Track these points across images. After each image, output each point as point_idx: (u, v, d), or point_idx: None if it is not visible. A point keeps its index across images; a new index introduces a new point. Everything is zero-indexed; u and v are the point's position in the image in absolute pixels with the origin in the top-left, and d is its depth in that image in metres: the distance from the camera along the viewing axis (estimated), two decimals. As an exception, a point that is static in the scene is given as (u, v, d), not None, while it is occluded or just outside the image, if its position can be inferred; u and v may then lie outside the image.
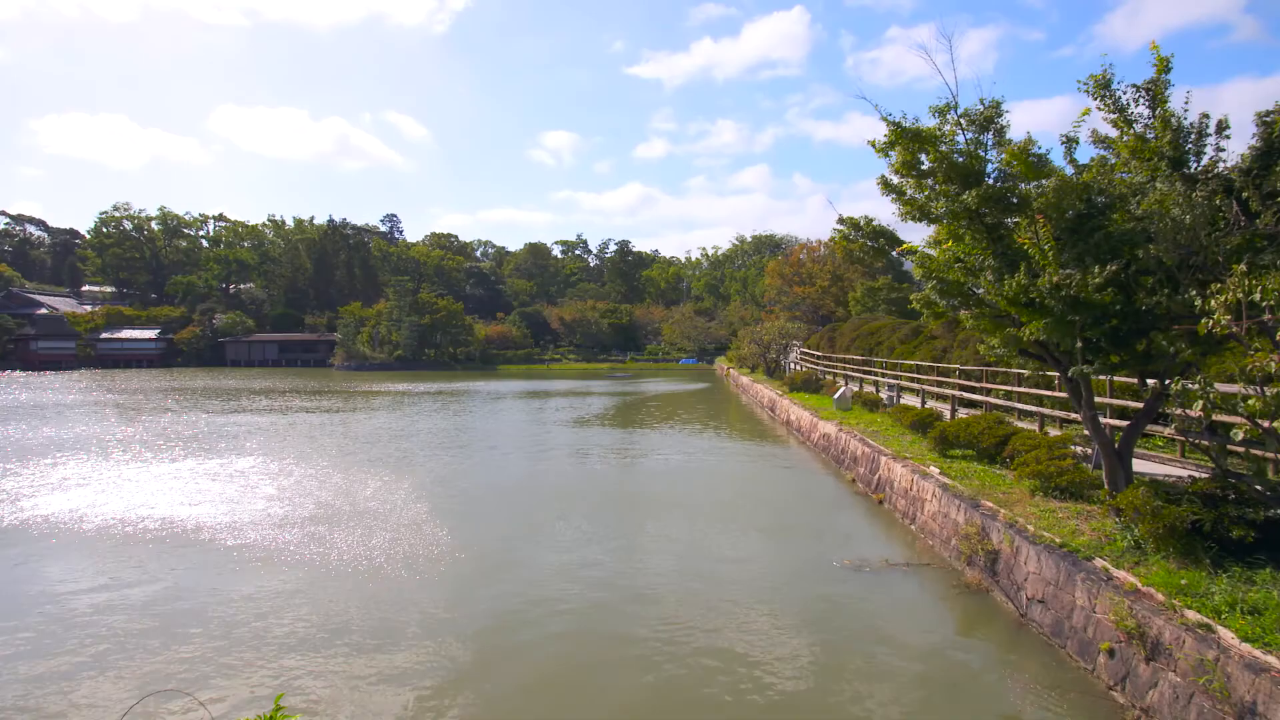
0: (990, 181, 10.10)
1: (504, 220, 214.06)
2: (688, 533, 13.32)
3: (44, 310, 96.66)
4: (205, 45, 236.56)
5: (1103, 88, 9.35)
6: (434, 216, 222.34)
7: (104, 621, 9.17)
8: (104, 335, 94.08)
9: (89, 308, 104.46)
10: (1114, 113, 9.44)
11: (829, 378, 34.11)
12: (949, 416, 18.20)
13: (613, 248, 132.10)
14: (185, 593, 10.16)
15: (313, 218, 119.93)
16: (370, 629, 8.79)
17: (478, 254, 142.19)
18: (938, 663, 8.02)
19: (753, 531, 13.65)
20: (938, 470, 13.57)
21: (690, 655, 8.08)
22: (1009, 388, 17.51)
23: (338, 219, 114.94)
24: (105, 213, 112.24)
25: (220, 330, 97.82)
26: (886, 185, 11.10)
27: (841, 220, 12.12)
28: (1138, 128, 9.34)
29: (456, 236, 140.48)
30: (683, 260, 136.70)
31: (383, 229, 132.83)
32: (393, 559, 11.53)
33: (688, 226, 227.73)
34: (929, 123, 10.29)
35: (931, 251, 11.25)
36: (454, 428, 29.63)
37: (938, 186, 10.43)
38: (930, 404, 20.90)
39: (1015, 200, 9.82)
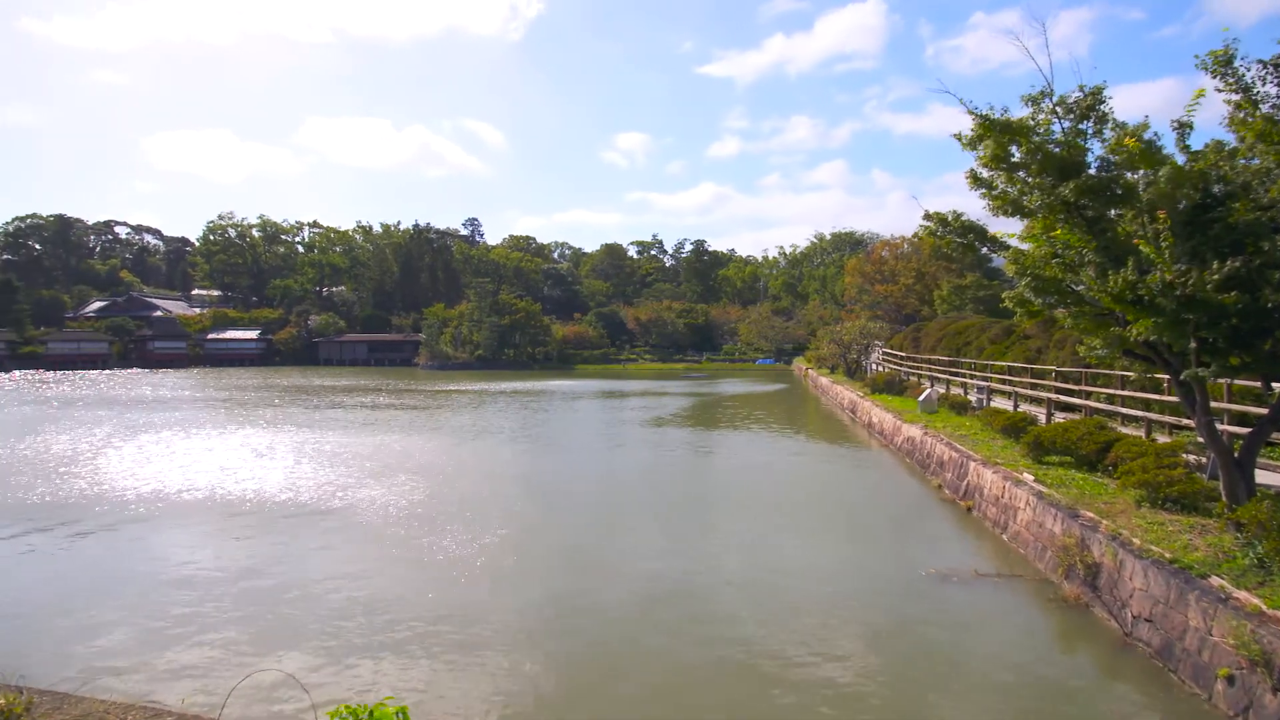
0: (1091, 172, 9.49)
1: (577, 222, 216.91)
2: (764, 534, 13.11)
3: (160, 313, 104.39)
4: (297, 62, 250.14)
5: (1224, 65, 8.56)
6: (510, 220, 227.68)
7: (214, 596, 9.77)
8: (211, 335, 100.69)
9: (198, 310, 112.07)
10: (1238, 93, 8.64)
11: (913, 379, 32.96)
12: (1044, 421, 17.25)
13: (688, 247, 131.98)
14: (291, 573, 10.72)
15: (399, 222, 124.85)
16: (466, 620, 9.03)
17: (555, 255, 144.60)
18: (1033, 680, 7.60)
19: (832, 535, 13.32)
20: (1032, 477, 12.89)
21: (764, 660, 7.93)
22: (1111, 391, 16.44)
23: (421, 224, 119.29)
24: (212, 222, 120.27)
25: (314, 331, 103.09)
26: (975, 179, 10.60)
27: (928, 216, 11.67)
28: (1265, 109, 8.54)
29: (534, 239, 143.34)
30: (759, 259, 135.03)
31: (464, 232, 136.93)
32: (486, 552, 11.82)
33: (761, 225, 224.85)
34: (1020, 112, 9.76)
35: (1026, 247, 10.68)
36: (534, 426, 30.21)
37: (1031, 179, 9.88)
38: (1023, 407, 19.88)
39: (1119, 191, 9.19)
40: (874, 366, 43.13)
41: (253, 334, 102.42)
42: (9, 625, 9.08)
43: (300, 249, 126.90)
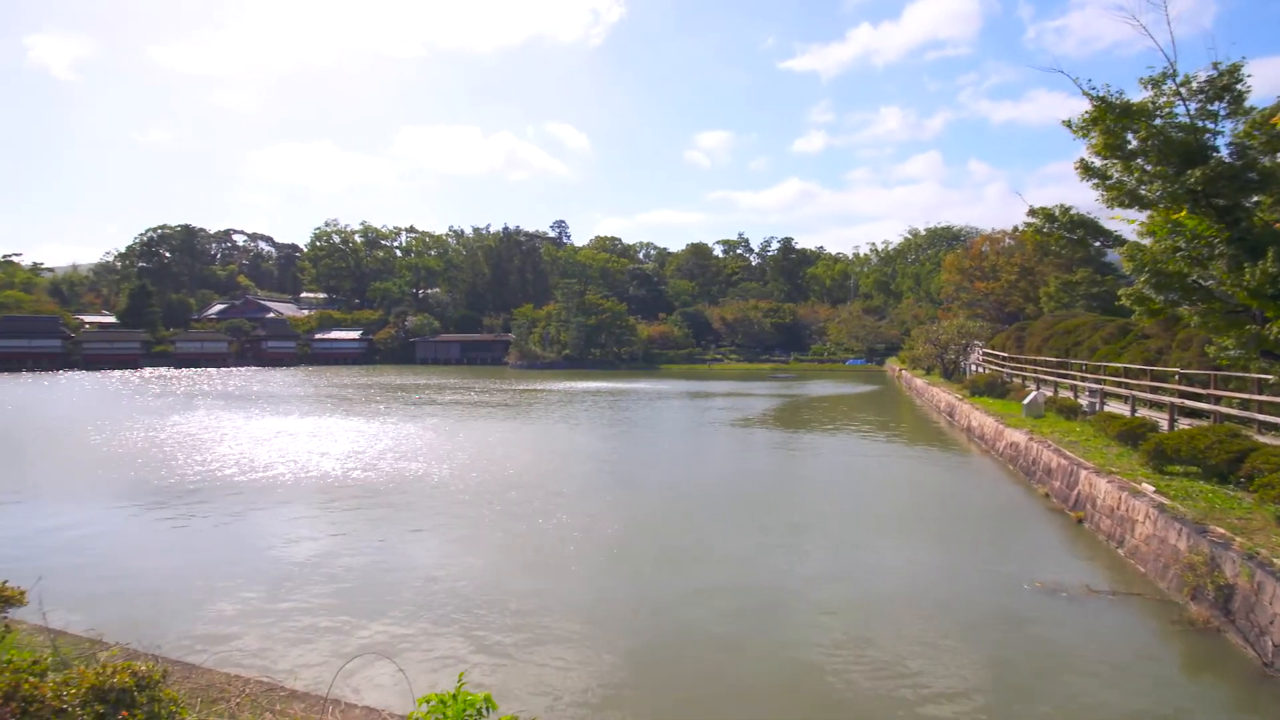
0: (1222, 157, 8.70)
1: (660, 222, 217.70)
2: (856, 538, 12.72)
3: (272, 314, 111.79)
4: (391, 75, 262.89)
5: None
6: (593, 221, 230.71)
7: (318, 577, 10.33)
8: (318, 335, 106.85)
9: (306, 312, 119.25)
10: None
11: (1016, 381, 31.23)
12: (1166, 427, 15.96)
13: (775, 246, 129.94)
14: (388, 557, 11.22)
15: (489, 225, 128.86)
16: (552, 609, 9.19)
17: (640, 256, 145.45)
18: (1155, 711, 7.02)
19: (929, 542, 12.77)
20: (1152, 488, 11.94)
21: (857, 671, 7.67)
22: (1246, 395, 15.02)
23: (511, 227, 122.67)
24: (319, 228, 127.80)
25: (411, 331, 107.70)
26: (1086, 169, 9.92)
27: (1033, 211, 11.03)
28: None
29: (620, 239, 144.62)
30: (850, 257, 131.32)
31: (552, 234, 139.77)
32: (575, 545, 12.01)
33: (849, 221, 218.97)
34: (1138, 96, 9.05)
35: (1145, 240, 9.90)
36: (621, 424, 30.48)
37: (1151, 167, 9.15)
38: (1142, 412, 18.47)
39: (1256, 177, 8.38)
40: (973, 368, 41.15)
41: (355, 334, 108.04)
42: (141, 597, 9.88)
43: (398, 253, 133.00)
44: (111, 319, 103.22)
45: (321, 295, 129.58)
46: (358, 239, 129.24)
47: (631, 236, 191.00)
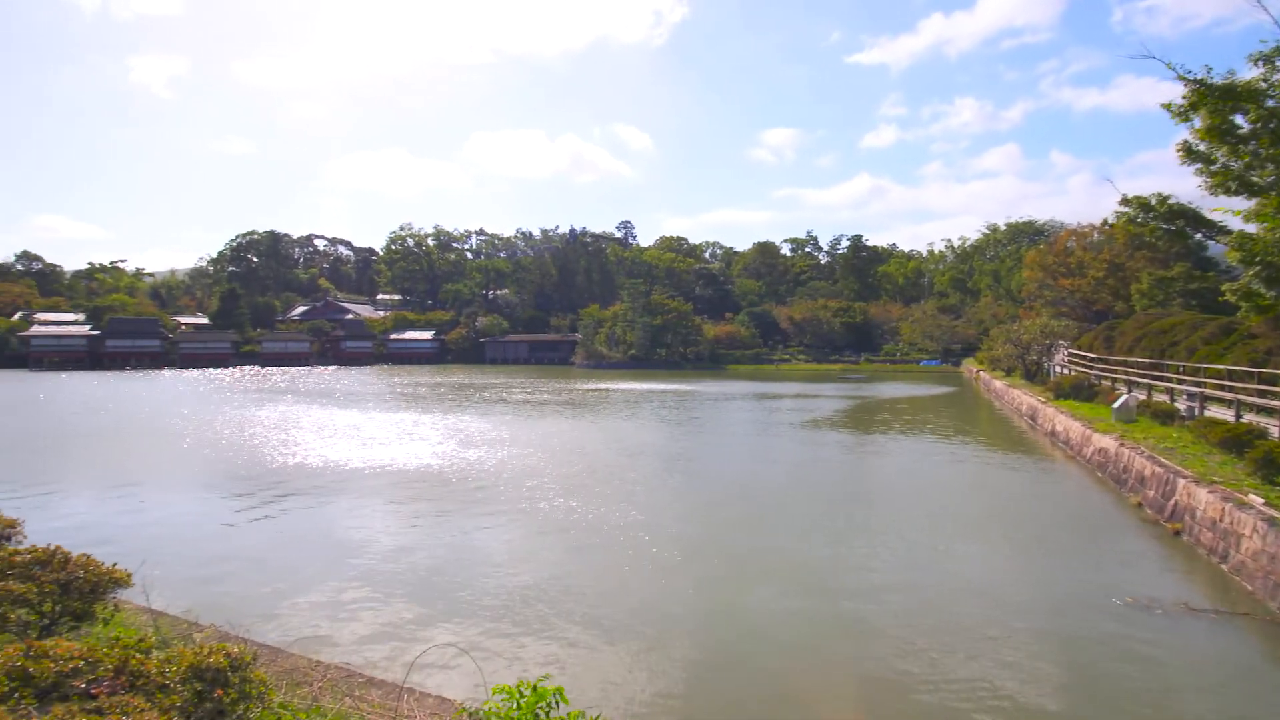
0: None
1: (725, 221, 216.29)
2: (933, 544, 12.26)
3: (350, 315, 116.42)
4: (461, 83, 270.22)
5: None
6: (658, 221, 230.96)
7: (393, 569, 10.66)
8: (393, 336, 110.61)
9: (382, 313, 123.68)
10: None
11: (1105, 383, 29.60)
12: (1277, 435, 14.81)
13: (845, 243, 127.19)
14: (460, 549, 11.48)
15: (556, 227, 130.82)
16: (621, 605, 9.22)
17: (706, 255, 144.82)
18: (1268, 739, 6.50)
19: (1011, 550, 12.22)
20: (1261, 500, 11.08)
21: (932, 686, 7.38)
22: (1369, 400, 13.79)
23: (577, 228, 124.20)
24: (394, 232, 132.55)
25: (481, 331, 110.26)
26: (1189, 153, 9.30)
27: (1126, 201, 10.40)
28: None
29: (686, 239, 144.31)
30: (923, 254, 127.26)
31: (617, 235, 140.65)
32: (643, 542, 12.02)
33: (922, 218, 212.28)
34: (1247, 74, 8.40)
35: (1254, 229, 9.19)
36: (689, 423, 30.39)
37: (1262, 150, 8.49)
38: (1248, 418, 17.19)
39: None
40: (1057, 369, 39.25)
41: (428, 334, 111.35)
42: (230, 582, 10.40)
43: (469, 255, 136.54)
44: (204, 320, 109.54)
45: (396, 297, 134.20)
46: (430, 242, 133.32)
47: (697, 236, 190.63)
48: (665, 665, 7.86)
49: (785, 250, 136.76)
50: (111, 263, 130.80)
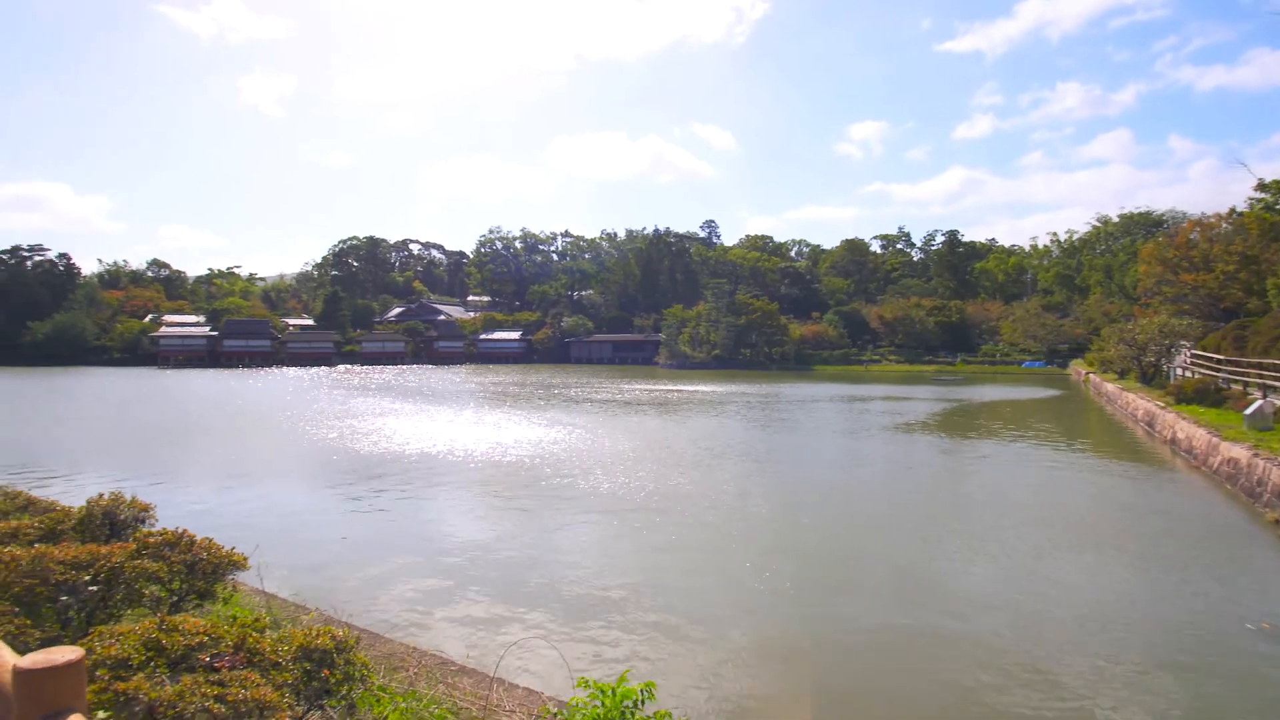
0: None
1: (810, 218, 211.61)
2: (1034, 555, 11.50)
3: (443, 317, 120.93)
4: (544, 89, 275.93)
5: None
6: (741, 220, 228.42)
7: (482, 561, 10.89)
8: (482, 336, 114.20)
9: (472, 314, 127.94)
10: None
11: (1235, 388, 27.14)
12: None
13: (939, 239, 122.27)
14: (545, 545, 11.64)
15: (643, 228, 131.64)
16: (714, 613, 9.10)
17: (792, 253, 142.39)
18: None
19: (1124, 566, 11.31)
20: None
21: (1037, 710, 6.87)
22: None
23: (661, 229, 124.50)
24: (483, 236, 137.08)
25: (566, 331, 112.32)
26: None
27: (1263, 186, 9.37)
28: None
29: (771, 238, 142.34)
30: (1025, 249, 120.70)
31: (701, 234, 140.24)
32: (729, 544, 11.87)
33: (1022, 211, 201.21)
34: None
35: None
36: (775, 423, 29.89)
37: None
38: None
39: None
40: (1178, 371, 36.32)
41: (515, 335, 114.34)
42: (332, 568, 10.88)
43: (554, 257, 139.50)
44: (310, 321, 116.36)
45: (485, 298, 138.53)
46: (517, 244, 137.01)
47: (782, 234, 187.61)
48: (753, 669, 7.68)
49: (875, 247, 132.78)
50: (228, 268, 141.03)
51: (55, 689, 1.92)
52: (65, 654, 1.97)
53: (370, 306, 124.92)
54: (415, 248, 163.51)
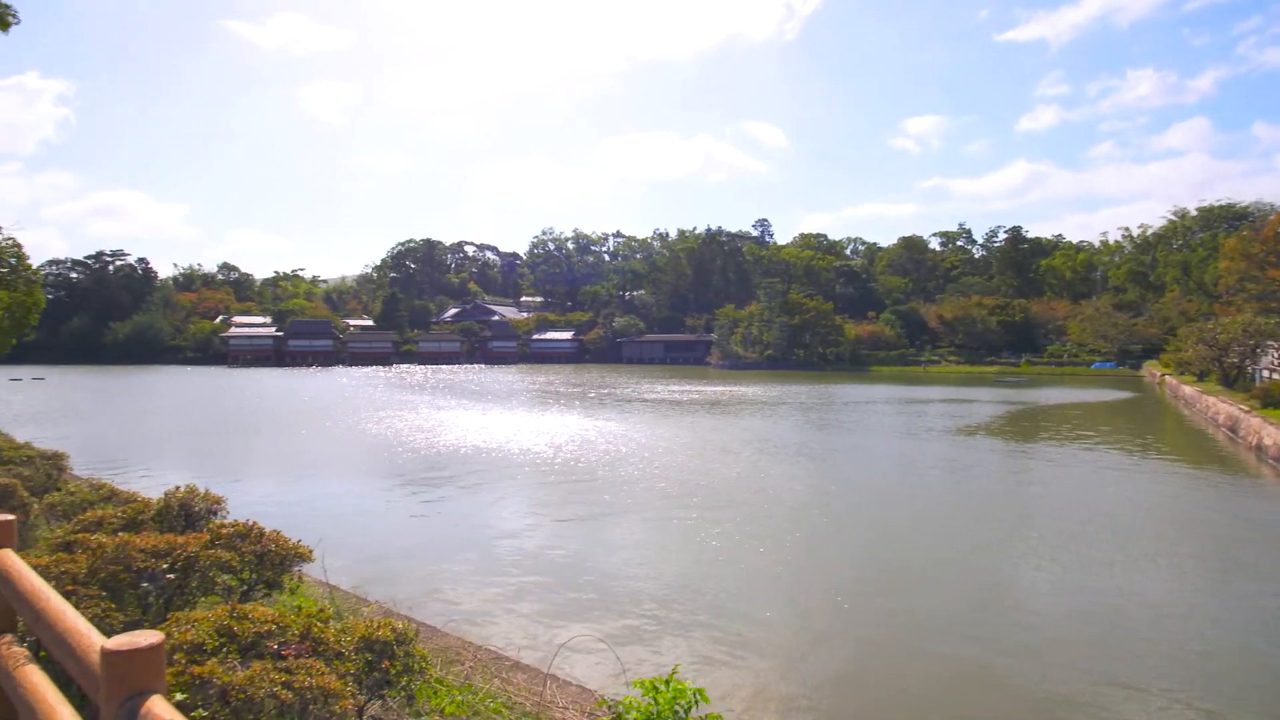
0: None
1: (866, 216, 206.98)
2: (1109, 565, 10.99)
3: (497, 317, 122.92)
4: (595, 90, 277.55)
5: None
6: (795, 218, 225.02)
7: (542, 560, 11.00)
8: (535, 336, 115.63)
9: (525, 314, 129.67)
10: None
11: (1327, 389, 25.47)
12: None
13: (1002, 236, 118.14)
14: (609, 548, 11.70)
15: (694, 228, 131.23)
16: (766, 617, 9.00)
17: (847, 252, 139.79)
18: None
19: (1208, 578, 10.72)
20: None
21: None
22: None
23: (713, 228, 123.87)
24: (536, 237, 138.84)
25: (618, 331, 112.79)
26: None
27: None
28: None
29: (825, 236, 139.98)
30: (1095, 245, 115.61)
31: (754, 233, 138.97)
32: (782, 549, 11.72)
33: (1092, 205, 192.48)
34: None
35: None
36: (830, 427, 29.41)
37: None
38: None
39: None
40: (1265, 373, 34.28)
41: (567, 335, 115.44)
42: (391, 563, 11.16)
43: (606, 257, 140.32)
44: (369, 322, 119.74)
45: (538, 299, 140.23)
46: (570, 245, 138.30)
47: (837, 232, 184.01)
48: (808, 675, 7.55)
49: (934, 244, 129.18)
50: (293, 271, 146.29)
51: (138, 670, 2.00)
52: (147, 637, 2.06)
53: (427, 307, 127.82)
54: (470, 249, 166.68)
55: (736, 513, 14.34)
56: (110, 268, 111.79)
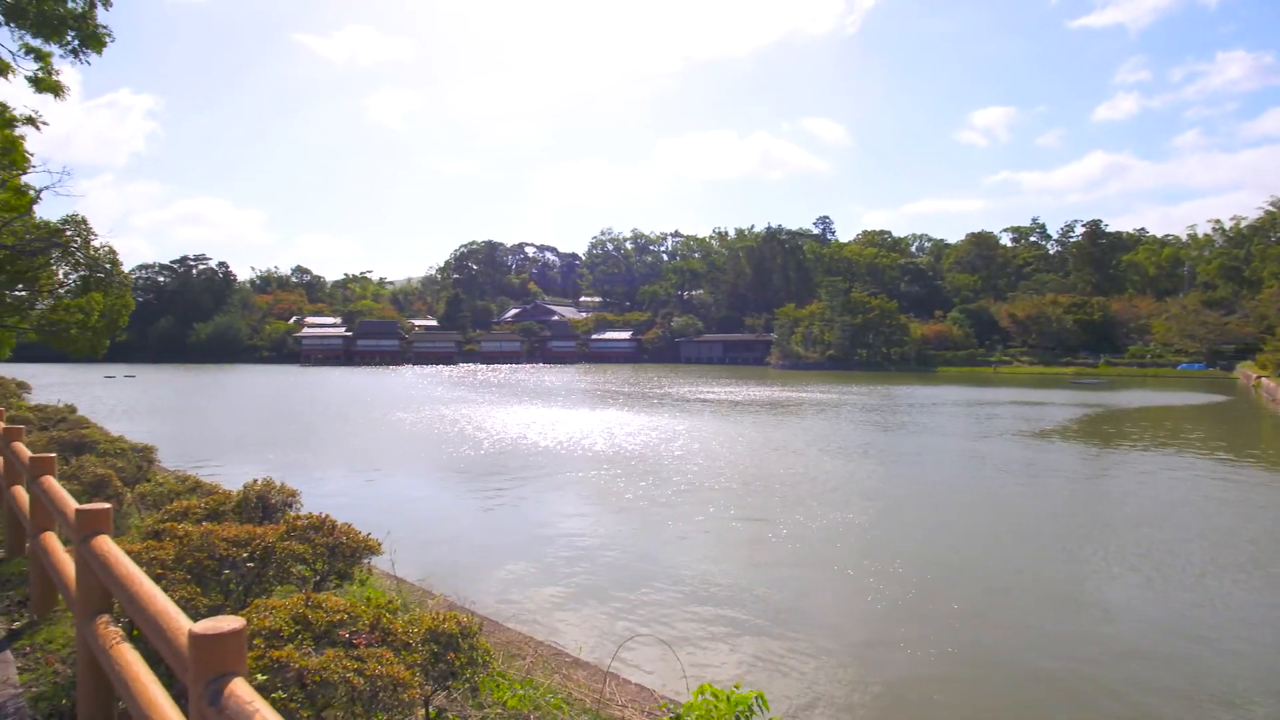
0: None
1: (930, 212, 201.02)
2: (1204, 579, 10.35)
3: (556, 317, 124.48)
4: (652, 91, 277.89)
5: None
6: (856, 215, 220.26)
7: (603, 559, 11.06)
8: (594, 336, 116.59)
9: (584, 315, 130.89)
10: None
11: None
12: None
13: (1079, 230, 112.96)
14: (671, 547, 11.69)
15: (752, 226, 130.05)
16: (832, 622, 8.85)
17: (913, 249, 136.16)
18: None
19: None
20: None
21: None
22: None
23: (773, 226, 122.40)
24: (595, 237, 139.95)
25: (676, 331, 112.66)
26: None
27: None
28: None
29: (889, 233, 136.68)
30: (1183, 239, 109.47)
31: (815, 231, 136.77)
32: (853, 558, 11.50)
33: (1177, 197, 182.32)
34: None
35: None
36: (893, 429, 28.70)
37: None
38: None
39: None
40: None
41: (625, 335, 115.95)
42: (454, 557, 11.40)
43: (664, 257, 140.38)
44: (433, 322, 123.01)
45: (597, 299, 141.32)
46: (628, 245, 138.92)
47: (900, 229, 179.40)
48: (874, 683, 7.36)
49: (1005, 240, 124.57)
50: (361, 273, 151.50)
51: (222, 653, 2.10)
52: (231, 622, 2.16)
53: (488, 308, 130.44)
54: (530, 250, 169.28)
55: (803, 515, 14.13)
56: (194, 271, 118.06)
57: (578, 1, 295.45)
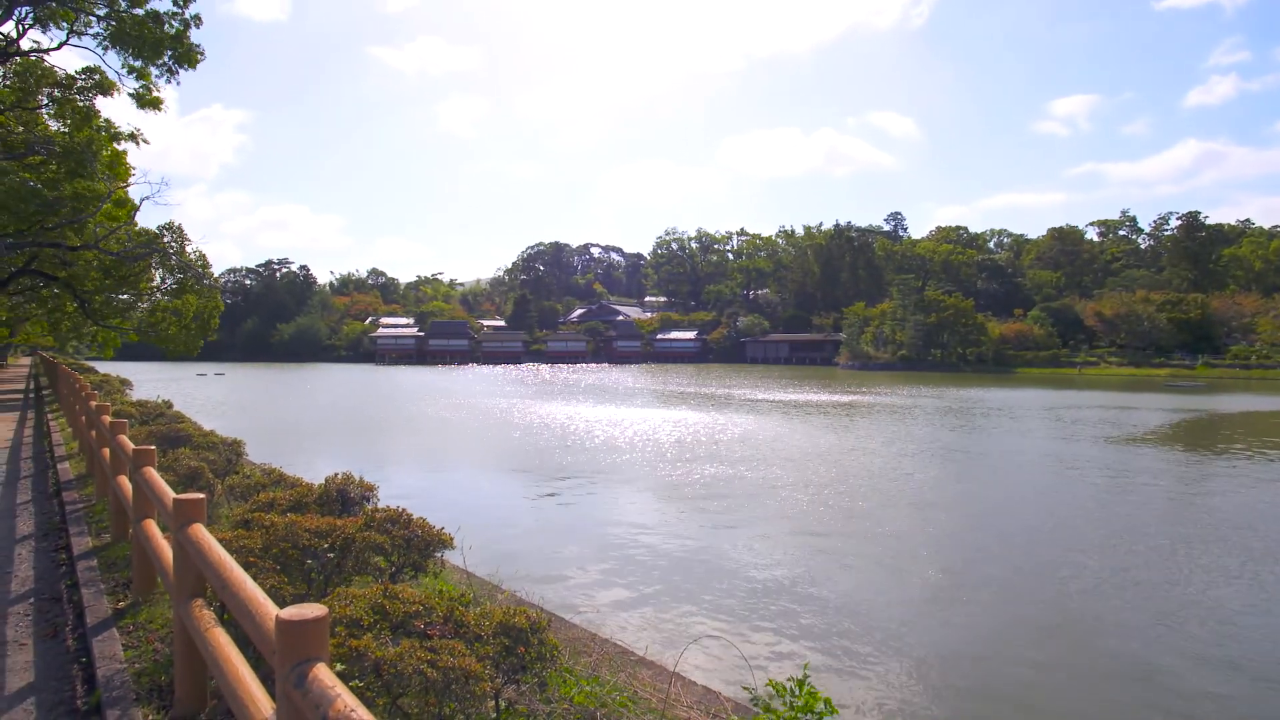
0: None
1: (1007, 206, 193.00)
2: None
3: (621, 317, 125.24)
4: (714, 90, 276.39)
5: None
6: (927, 211, 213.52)
7: (669, 559, 11.04)
8: (659, 336, 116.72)
9: (649, 314, 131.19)
10: None
11: None
12: None
13: (1173, 223, 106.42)
14: (738, 550, 11.59)
15: (820, 224, 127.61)
16: (903, 630, 8.61)
17: (990, 245, 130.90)
18: None
19: None
20: None
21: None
22: None
23: (841, 223, 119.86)
24: (659, 237, 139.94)
25: (742, 331, 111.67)
26: None
27: None
28: None
29: (965, 228, 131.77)
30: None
31: (886, 228, 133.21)
32: (914, 560, 11.18)
33: (1278, 186, 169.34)
34: None
35: None
36: (968, 433, 27.68)
37: None
38: None
39: None
40: None
41: (690, 334, 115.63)
42: (522, 553, 11.57)
43: (729, 256, 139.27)
44: (501, 323, 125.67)
45: (662, 298, 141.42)
46: (693, 245, 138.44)
47: (976, 225, 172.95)
48: (939, 691, 7.10)
49: (1090, 235, 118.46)
50: (432, 275, 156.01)
51: (307, 639, 2.18)
52: (314, 610, 2.23)
53: (555, 308, 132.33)
54: (595, 251, 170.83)
55: (875, 521, 13.79)
56: (277, 274, 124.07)
57: (638, 5, 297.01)
